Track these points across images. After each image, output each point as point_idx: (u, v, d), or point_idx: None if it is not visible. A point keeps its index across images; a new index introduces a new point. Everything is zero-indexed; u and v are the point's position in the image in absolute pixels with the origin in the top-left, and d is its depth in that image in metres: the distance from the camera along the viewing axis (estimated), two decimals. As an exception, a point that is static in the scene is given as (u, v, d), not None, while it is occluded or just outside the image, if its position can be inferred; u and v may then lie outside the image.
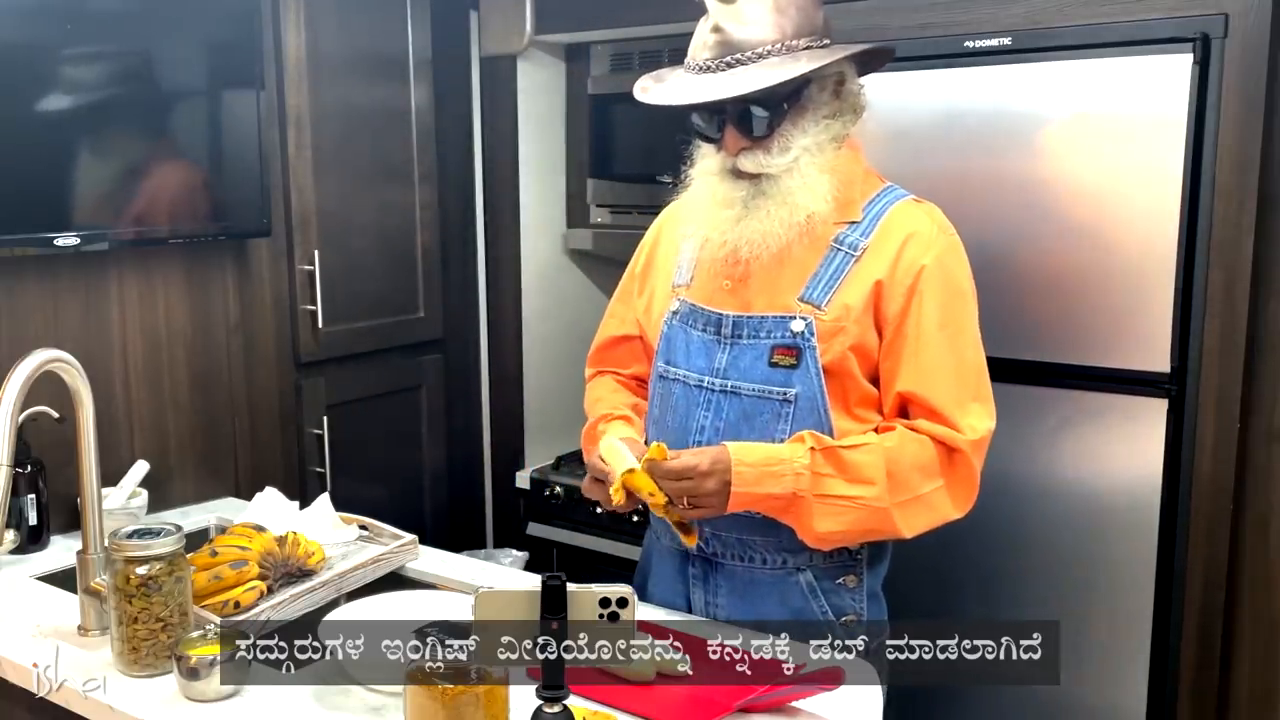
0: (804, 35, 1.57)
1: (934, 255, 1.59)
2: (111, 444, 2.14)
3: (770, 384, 1.61)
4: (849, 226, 1.62)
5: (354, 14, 2.58)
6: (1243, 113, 1.86)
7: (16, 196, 1.96)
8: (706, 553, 1.70)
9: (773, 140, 1.58)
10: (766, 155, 1.59)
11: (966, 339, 1.61)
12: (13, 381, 1.54)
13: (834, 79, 1.61)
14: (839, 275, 1.60)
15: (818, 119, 1.60)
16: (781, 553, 1.64)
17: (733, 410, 1.63)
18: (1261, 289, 1.93)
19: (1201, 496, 1.97)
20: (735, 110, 1.57)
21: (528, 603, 1.19)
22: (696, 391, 1.66)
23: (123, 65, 2.10)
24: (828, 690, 1.37)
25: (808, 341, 1.59)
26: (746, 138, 1.59)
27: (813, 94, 1.59)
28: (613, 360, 1.89)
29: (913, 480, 1.56)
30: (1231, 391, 1.93)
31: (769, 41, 1.55)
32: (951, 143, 2.12)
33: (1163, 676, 2.03)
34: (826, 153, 1.60)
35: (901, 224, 1.61)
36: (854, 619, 1.67)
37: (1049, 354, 2.06)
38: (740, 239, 1.60)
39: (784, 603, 1.66)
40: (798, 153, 1.58)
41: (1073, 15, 1.99)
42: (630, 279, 1.87)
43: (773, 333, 1.61)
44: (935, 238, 1.61)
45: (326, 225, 2.56)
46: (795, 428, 1.59)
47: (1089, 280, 2.01)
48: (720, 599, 1.71)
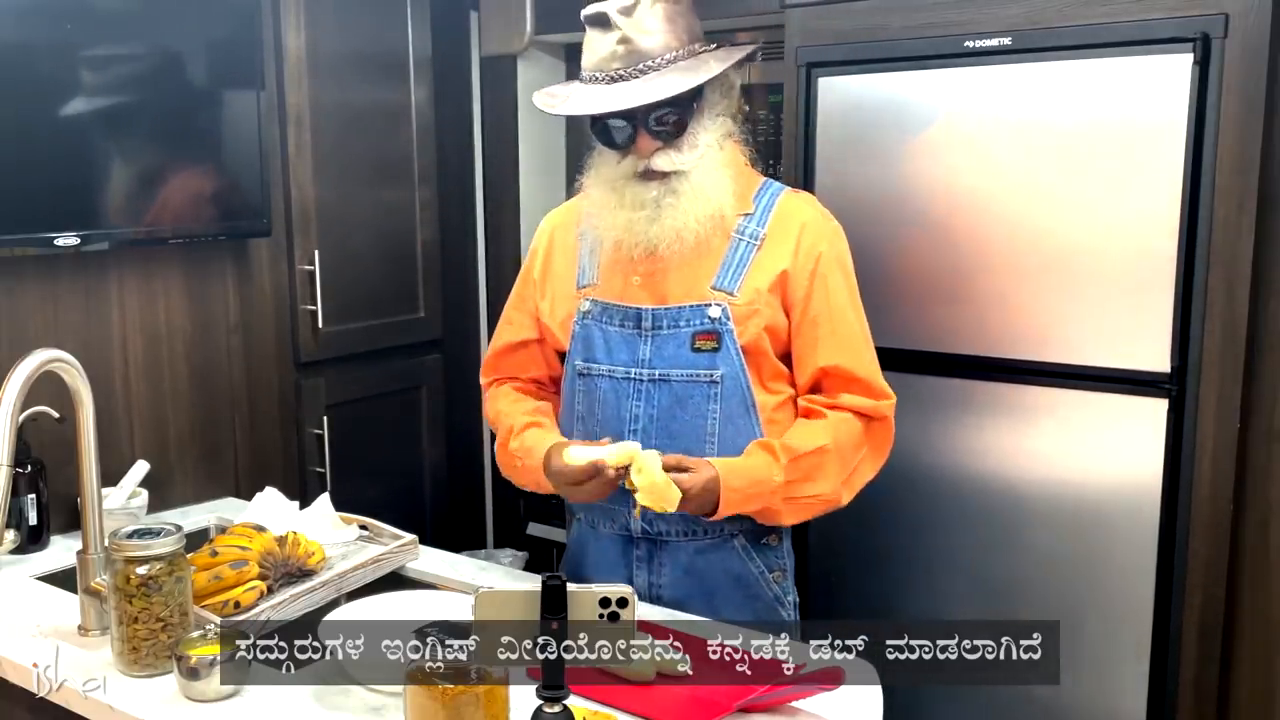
0: (696, 40, 1.72)
1: (828, 241, 1.75)
2: (111, 444, 2.14)
3: (696, 368, 1.72)
4: (744, 218, 1.75)
5: (354, 14, 2.58)
6: (1243, 113, 1.86)
7: (17, 196, 1.96)
8: (651, 533, 1.78)
9: (683, 139, 1.70)
10: (678, 154, 1.70)
11: (863, 315, 1.78)
12: (13, 381, 1.54)
13: (722, 79, 1.73)
14: (745, 263, 1.73)
15: (715, 117, 1.73)
16: (719, 521, 1.74)
17: (664, 397, 1.73)
18: (1261, 289, 1.93)
19: (1201, 496, 1.96)
20: (648, 114, 1.68)
21: (528, 603, 1.19)
22: (625, 384, 1.75)
23: (123, 65, 2.10)
24: (828, 690, 1.37)
25: (725, 325, 1.71)
26: (659, 139, 1.70)
27: (709, 95, 1.72)
28: (510, 367, 1.94)
29: (850, 459, 1.73)
30: (1231, 391, 1.93)
31: (674, 48, 1.69)
32: (951, 143, 2.12)
33: (1163, 676, 2.03)
34: (725, 149, 1.74)
35: (792, 214, 1.75)
36: (780, 573, 1.82)
37: (1049, 354, 2.06)
38: (658, 237, 1.71)
39: (725, 568, 1.78)
40: (703, 149, 1.71)
41: (1073, 15, 1.99)
42: (526, 285, 1.94)
43: (691, 320, 1.72)
44: (824, 224, 1.77)
45: (326, 225, 2.56)
46: (724, 405, 1.72)
47: (1089, 280, 2.01)
48: (664, 579, 1.79)
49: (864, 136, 2.22)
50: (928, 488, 2.24)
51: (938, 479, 2.22)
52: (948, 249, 2.15)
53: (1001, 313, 2.10)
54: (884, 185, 2.21)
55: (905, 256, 2.19)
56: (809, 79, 2.27)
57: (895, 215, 2.20)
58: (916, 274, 2.18)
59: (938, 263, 2.16)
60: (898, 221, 2.20)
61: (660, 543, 1.78)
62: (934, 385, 2.20)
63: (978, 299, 2.12)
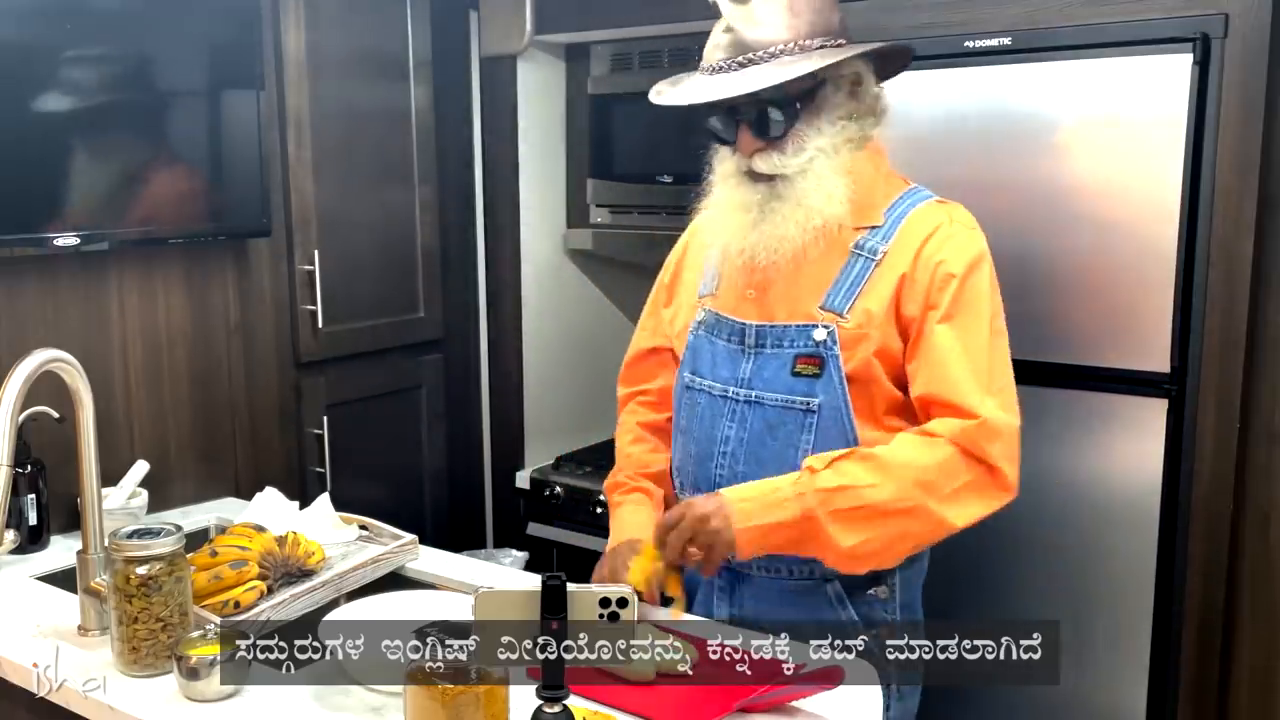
0: (818, 35, 1.56)
1: (950, 251, 1.57)
2: (111, 444, 2.14)
3: (794, 394, 1.59)
4: (869, 231, 1.60)
5: (354, 14, 2.58)
6: (1243, 113, 1.86)
7: (16, 196, 1.96)
8: (733, 564, 1.66)
9: (787, 141, 1.57)
10: (781, 156, 1.57)
11: (981, 333, 1.56)
12: (13, 381, 1.54)
13: (849, 79, 1.59)
14: (860, 281, 1.58)
15: (833, 120, 1.59)
16: (809, 563, 1.61)
17: (757, 420, 1.62)
18: (1261, 289, 1.93)
19: (1201, 496, 1.97)
20: (749, 110, 1.56)
21: (528, 603, 1.19)
22: (721, 402, 1.65)
23: (123, 65, 2.10)
24: (827, 690, 1.37)
25: (830, 350, 1.57)
26: (761, 138, 1.58)
27: (827, 95, 1.58)
28: (641, 375, 1.87)
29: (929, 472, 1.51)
30: (1231, 391, 1.93)
31: (780, 41, 1.54)
32: (951, 143, 2.12)
33: (1163, 676, 2.03)
34: (843, 155, 1.59)
35: (921, 224, 1.59)
36: (885, 631, 1.63)
37: (1049, 354, 2.06)
38: (757, 244, 1.59)
39: (812, 614, 1.63)
40: (812, 154, 1.57)
41: (1073, 15, 1.99)
42: (659, 290, 1.86)
43: (795, 342, 1.60)
44: (952, 235, 1.59)
45: (326, 225, 2.55)
46: (819, 438, 1.58)
47: (1089, 280, 2.01)
48: (746, 612, 1.68)
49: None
50: (928, 488, 2.23)
51: (938, 479, 2.22)
52: (948, 249, 2.14)
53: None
54: (884, 185, 2.21)
55: (905, 256, 2.19)
56: (809, 79, 2.26)
57: (895, 215, 2.20)
58: (916, 274, 2.18)
59: (938, 263, 2.15)
60: (898, 221, 2.20)
61: (742, 575, 1.68)
62: (934, 385, 2.19)
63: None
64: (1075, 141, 2.00)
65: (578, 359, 3.10)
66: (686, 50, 2.69)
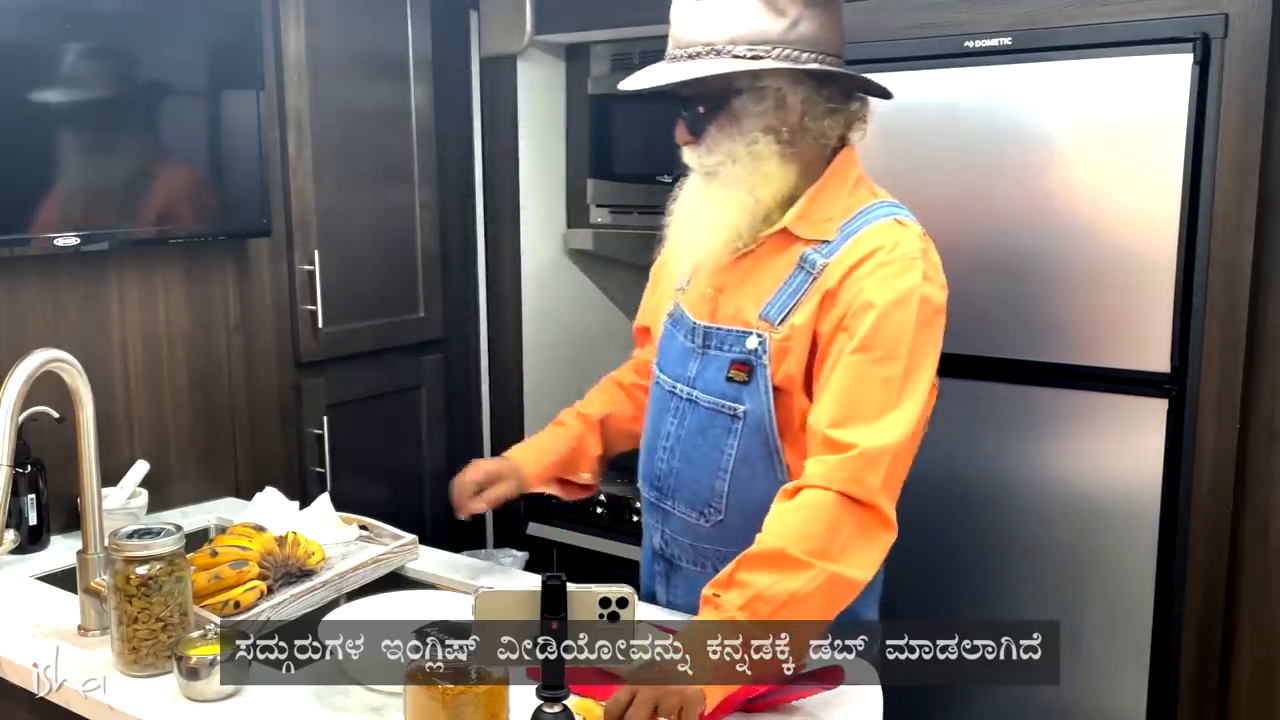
0: (766, 43, 1.52)
1: (877, 280, 1.50)
2: (111, 444, 2.14)
3: (724, 398, 1.61)
4: (820, 245, 1.57)
5: (354, 14, 2.58)
6: (1243, 113, 1.86)
7: (17, 196, 1.96)
8: (666, 553, 1.74)
9: (703, 140, 1.59)
10: (696, 153, 1.60)
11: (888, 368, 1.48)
12: (13, 381, 1.54)
13: (772, 94, 1.55)
14: (797, 294, 1.57)
15: (748, 131, 1.56)
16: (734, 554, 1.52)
17: (693, 420, 1.65)
18: (1261, 289, 1.93)
19: (1201, 496, 1.96)
20: (682, 104, 1.60)
21: (528, 603, 1.20)
22: (669, 397, 1.69)
23: (123, 65, 2.10)
24: (828, 689, 1.37)
25: (760, 359, 1.57)
26: (686, 132, 1.60)
27: (746, 104, 1.56)
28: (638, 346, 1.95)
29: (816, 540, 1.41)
30: (1231, 391, 1.93)
31: (699, 43, 1.53)
32: (951, 143, 2.12)
33: (1163, 676, 2.03)
34: (763, 164, 1.57)
35: (864, 244, 1.54)
36: None
37: (1049, 354, 2.06)
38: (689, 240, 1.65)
39: None
40: (722, 158, 1.57)
41: (1073, 15, 1.99)
42: (652, 275, 1.91)
43: (732, 347, 1.61)
44: (888, 262, 1.52)
45: (326, 225, 2.55)
46: (742, 445, 1.59)
47: (1089, 280, 2.01)
48: (678, 600, 1.74)
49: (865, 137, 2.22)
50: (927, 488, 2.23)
51: (937, 479, 2.22)
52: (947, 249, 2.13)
53: (1001, 313, 2.10)
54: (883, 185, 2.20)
55: (905, 256, 2.19)
56: (809, 79, 2.26)
57: (895, 215, 2.20)
58: (916, 274, 2.18)
59: (938, 263, 2.15)
60: (898, 221, 2.20)
61: (674, 565, 1.73)
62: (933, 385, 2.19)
63: (977, 299, 2.12)
64: (1075, 142, 2.00)
65: (578, 359, 3.10)
66: (686, 50, 2.69)
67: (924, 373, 1.51)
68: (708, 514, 1.64)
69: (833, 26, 1.57)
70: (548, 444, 1.87)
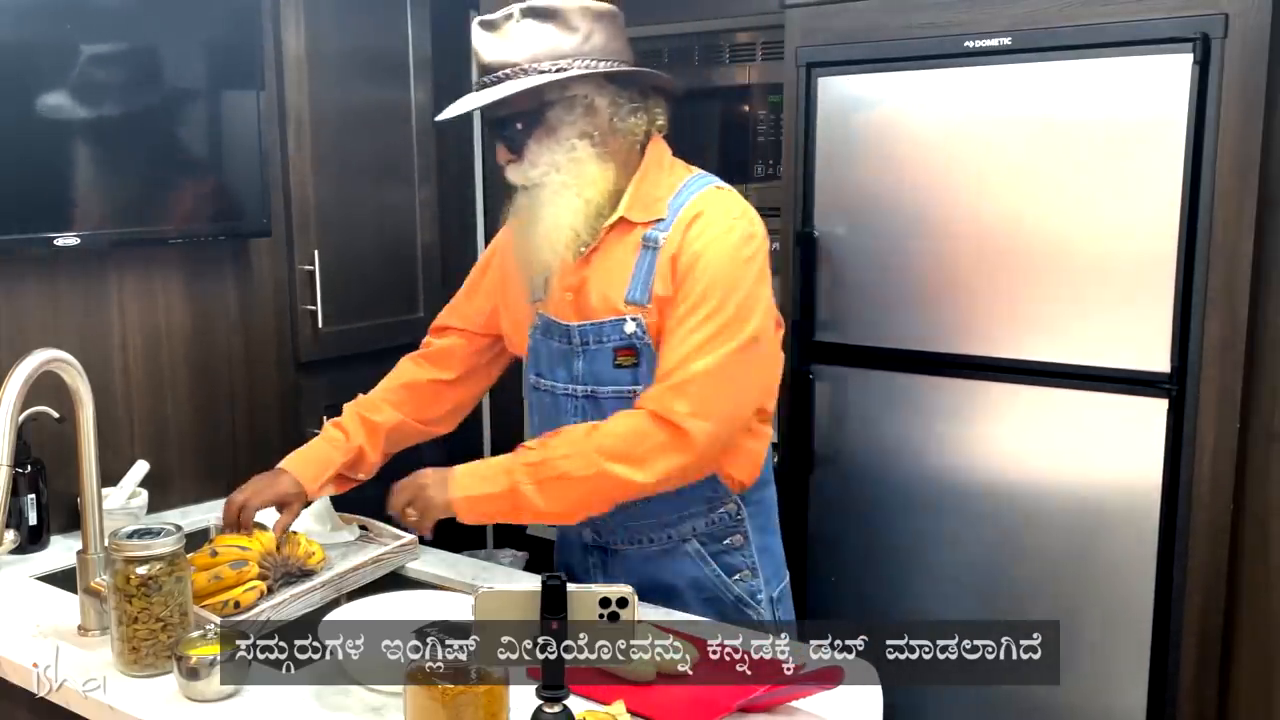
0: (563, 58, 1.66)
1: (703, 238, 1.65)
2: (111, 444, 2.14)
3: (620, 384, 1.71)
4: (656, 224, 1.70)
5: (354, 14, 2.58)
6: (1243, 113, 1.86)
7: (16, 196, 1.96)
8: (601, 541, 1.82)
9: (525, 155, 1.69)
10: (519, 168, 1.70)
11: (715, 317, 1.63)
12: (13, 381, 1.54)
13: (580, 101, 1.68)
14: (651, 270, 1.68)
15: (565, 139, 1.68)
16: (665, 529, 1.76)
17: (596, 413, 1.72)
18: (1261, 289, 1.93)
19: (1201, 497, 1.97)
20: (497, 126, 1.70)
21: (528, 603, 1.20)
22: (564, 399, 1.77)
23: (123, 65, 2.10)
24: (827, 689, 1.37)
25: (642, 339, 1.69)
26: (509, 151, 1.71)
27: (559, 115, 1.68)
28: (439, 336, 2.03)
29: (617, 440, 1.63)
30: (1231, 391, 1.93)
31: (523, 61, 1.65)
32: (951, 142, 2.12)
33: (1162, 676, 2.03)
34: (584, 168, 1.68)
35: (691, 209, 1.68)
36: (748, 572, 1.79)
37: (1049, 354, 2.06)
38: (524, 251, 1.74)
39: (679, 572, 1.77)
40: (545, 169, 1.68)
41: (1073, 15, 1.99)
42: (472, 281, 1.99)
43: (611, 336, 1.71)
44: (711, 222, 1.66)
45: (326, 225, 2.55)
46: None
47: (1089, 280, 2.01)
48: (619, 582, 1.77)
49: (864, 136, 2.22)
50: (928, 488, 2.24)
51: (938, 479, 2.22)
52: (948, 249, 2.15)
53: (1002, 313, 2.10)
54: (884, 185, 2.21)
55: (905, 256, 2.19)
56: (809, 79, 2.27)
57: (895, 215, 2.20)
58: (916, 274, 2.19)
59: (938, 262, 2.16)
60: (897, 221, 2.20)
61: (611, 550, 1.82)
62: (934, 385, 2.20)
63: (978, 299, 2.12)
64: (1075, 141, 2.00)
65: (578, 359, 3.09)
66: (686, 50, 2.69)
67: (751, 313, 1.65)
68: None
69: (620, 37, 1.72)
70: (327, 456, 1.90)
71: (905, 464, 2.25)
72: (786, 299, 2.35)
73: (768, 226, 1.73)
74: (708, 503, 1.75)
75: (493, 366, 2.01)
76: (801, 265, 2.30)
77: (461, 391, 2.00)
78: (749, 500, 1.78)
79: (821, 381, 2.34)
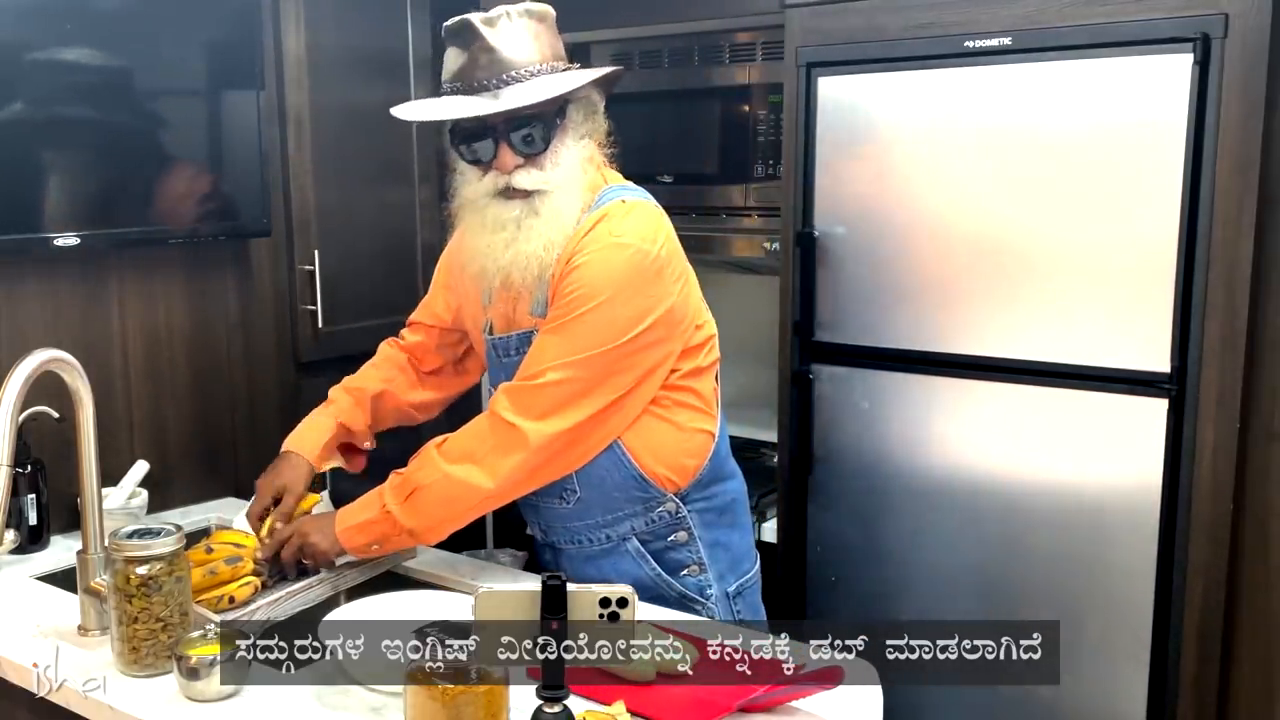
0: (559, 59, 1.67)
1: (585, 256, 1.62)
2: (111, 444, 2.14)
3: None
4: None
5: (354, 14, 2.58)
6: (1243, 113, 1.86)
7: (17, 196, 1.96)
8: (548, 541, 1.87)
9: (545, 157, 1.64)
10: (540, 172, 1.64)
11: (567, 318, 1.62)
12: (13, 381, 1.54)
13: (586, 101, 1.69)
14: (548, 283, 1.67)
15: (578, 138, 1.68)
16: (601, 530, 1.78)
17: None
18: (1261, 289, 1.93)
19: (1201, 497, 1.97)
20: (510, 128, 1.63)
21: (528, 603, 1.20)
22: None
23: (123, 65, 2.10)
24: (827, 689, 1.37)
25: None
26: (522, 155, 1.64)
27: (573, 114, 1.68)
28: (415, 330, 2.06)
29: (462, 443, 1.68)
30: (1231, 391, 1.93)
31: (537, 61, 1.63)
32: (951, 143, 2.12)
33: (1163, 676, 2.03)
34: (586, 172, 1.69)
35: (588, 223, 1.66)
36: (695, 567, 1.79)
37: (1049, 354, 2.06)
38: (512, 264, 1.66)
39: (620, 572, 1.77)
40: (566, 169, 1.66)
41: (1073, 15, 1.99)
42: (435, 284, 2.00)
43: (521, 349, 1.72)
44: (594, 239, 1.63)
45: (326, 225, 2.55)
46: None
47: (1088, 280, 2.01)
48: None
49: (864, 136, 2.22)
50: (928, 488, 2.24)
51: (938, 479, 2.22)
52: (947, 249, 2.15)
53: (1001, 312, 2.10)
54: (883, 185, 2.21)
55: (905, 256, 2.20)
56: (809, 79, 2.27)
57: (895, 215, 2.20)
58: (916, 274, 2.19)
59: (938, 262, 2.16)
60: (897, 221, 2.20)
61: (557, 548, 1.85)
62: (933, 385, 2.20)
63: (977, 299, 2.13)
64: (1075, 141, 2.00)
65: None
66: (686, 50, 2.69)
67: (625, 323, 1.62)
68: (565, 496, 1.77)
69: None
70: (319, 424, 1.94)
71: (905, 464, 2.25)
72: (786, 299, 2.35)
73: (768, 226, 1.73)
74: (643, 504, 1.75)
75: (467, 362, 2.02)
76: (801, 265, 2.30)
77: (434, 384, 2.04)
78: (692, 498, 1.78)
79: (821, 381, 2.34)
